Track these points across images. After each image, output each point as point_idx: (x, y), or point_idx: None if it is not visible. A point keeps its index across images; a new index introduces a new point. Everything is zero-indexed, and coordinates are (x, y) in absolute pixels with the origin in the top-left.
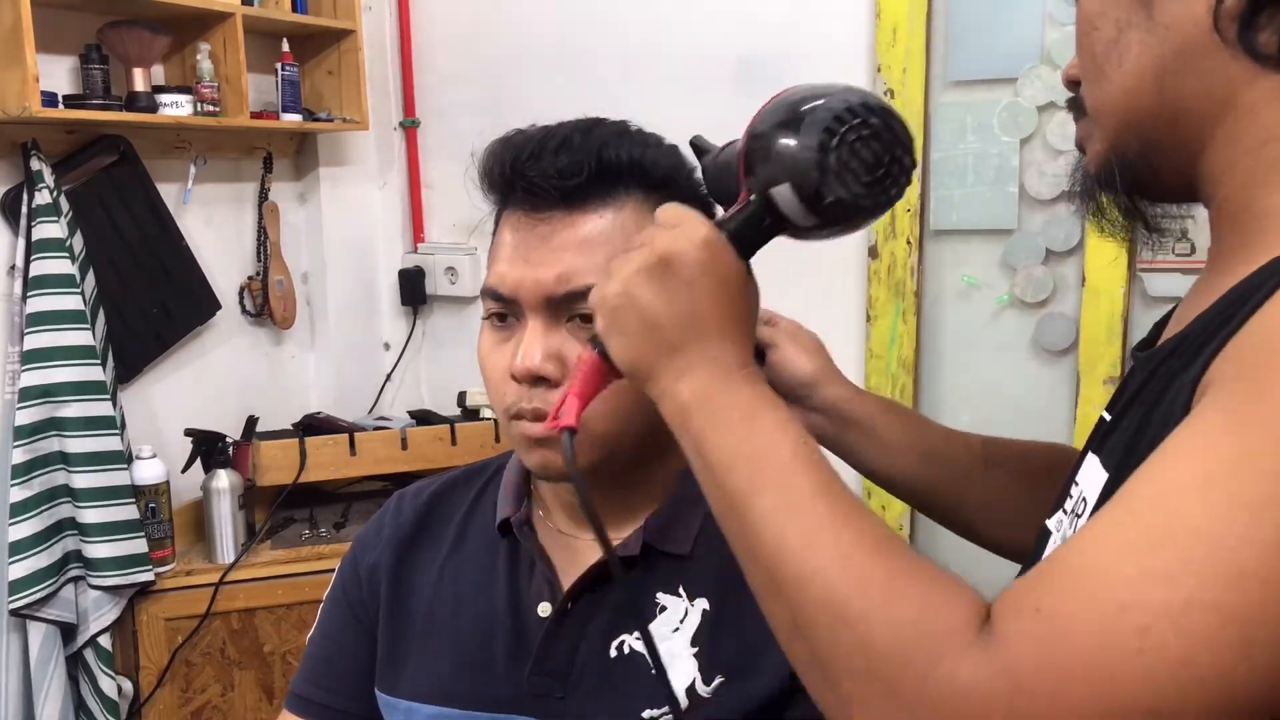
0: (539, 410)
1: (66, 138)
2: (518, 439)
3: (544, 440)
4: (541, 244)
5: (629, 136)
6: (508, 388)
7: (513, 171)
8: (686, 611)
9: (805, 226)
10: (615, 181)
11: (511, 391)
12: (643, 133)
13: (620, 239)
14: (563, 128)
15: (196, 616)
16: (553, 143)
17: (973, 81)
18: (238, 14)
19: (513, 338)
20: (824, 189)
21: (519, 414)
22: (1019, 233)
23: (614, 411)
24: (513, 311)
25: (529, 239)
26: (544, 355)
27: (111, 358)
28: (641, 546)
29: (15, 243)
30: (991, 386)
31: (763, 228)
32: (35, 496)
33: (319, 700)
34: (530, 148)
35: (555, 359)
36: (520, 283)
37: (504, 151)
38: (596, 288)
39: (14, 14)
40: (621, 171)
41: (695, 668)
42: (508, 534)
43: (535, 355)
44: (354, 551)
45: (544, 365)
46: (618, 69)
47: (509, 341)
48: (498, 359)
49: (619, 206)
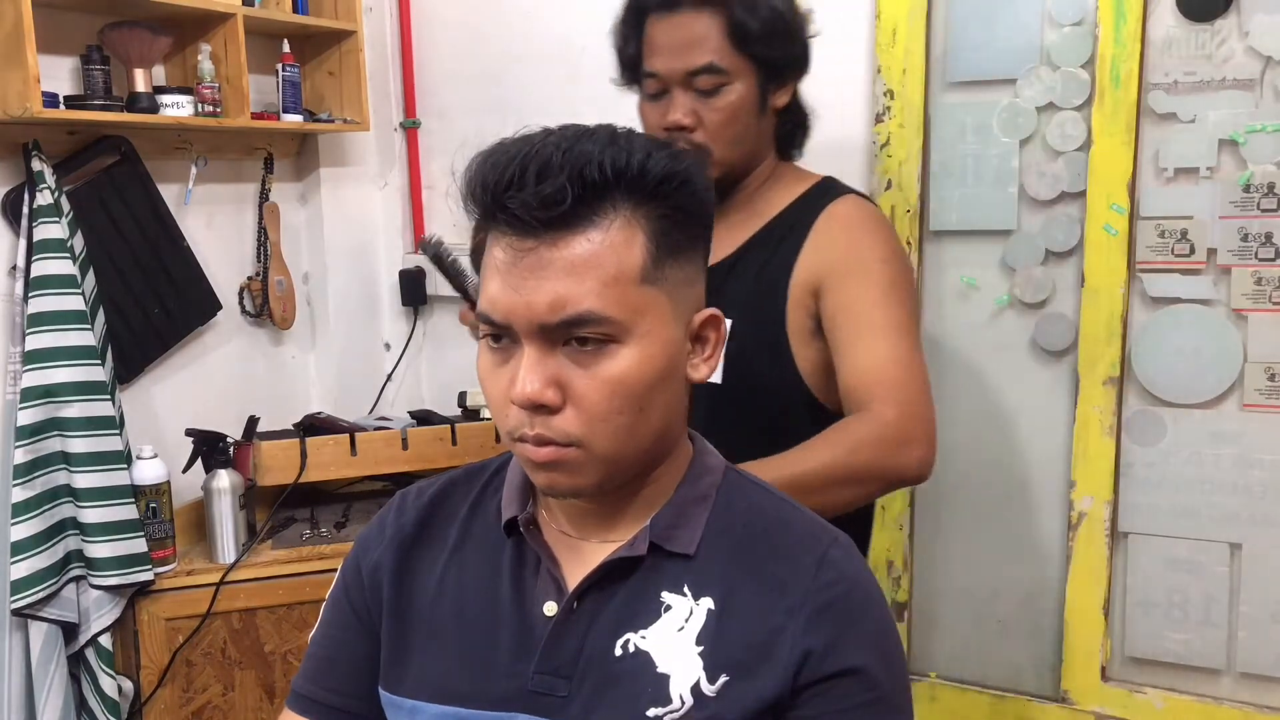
0: (541, 436)
1: (67, 138)
2: (524, 461)
3: (549, 464)
4: (530, 274)
5: (615, 147)
6: (509, 411)
7: (493, 201)
8: (692, 611)
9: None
10: (601, 199)
11: (513, 415)
12: (632, 138)
13: (610, 259)
14: (545, 145)
15: (197, 616)
16: (533, 166)
17: (972, 82)
18: (238, 14)
19: (510, 360)
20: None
21: (522, 438)
22: (1018, 233)
23: (617, 431)
24: (509, 335)
25: (517, 268)
26: (543, 383)
27: (112, 358)
28: (648, 546)
29: (16, 243)
30: (991, 387)
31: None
32: (37, 496)
33: (321, 699)
34: (511, 171)
35: (554, 385)
36: (512, 310)
37: (485, 173)
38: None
39: (15, 14)
40: (608, 187)
41: (700, 667)
42: (513, 533)
43: (534, 383)
44: (356, 551)
45: (544, 393)
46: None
47: (506, 365)
48: (495, 382)
49: (607, 224)
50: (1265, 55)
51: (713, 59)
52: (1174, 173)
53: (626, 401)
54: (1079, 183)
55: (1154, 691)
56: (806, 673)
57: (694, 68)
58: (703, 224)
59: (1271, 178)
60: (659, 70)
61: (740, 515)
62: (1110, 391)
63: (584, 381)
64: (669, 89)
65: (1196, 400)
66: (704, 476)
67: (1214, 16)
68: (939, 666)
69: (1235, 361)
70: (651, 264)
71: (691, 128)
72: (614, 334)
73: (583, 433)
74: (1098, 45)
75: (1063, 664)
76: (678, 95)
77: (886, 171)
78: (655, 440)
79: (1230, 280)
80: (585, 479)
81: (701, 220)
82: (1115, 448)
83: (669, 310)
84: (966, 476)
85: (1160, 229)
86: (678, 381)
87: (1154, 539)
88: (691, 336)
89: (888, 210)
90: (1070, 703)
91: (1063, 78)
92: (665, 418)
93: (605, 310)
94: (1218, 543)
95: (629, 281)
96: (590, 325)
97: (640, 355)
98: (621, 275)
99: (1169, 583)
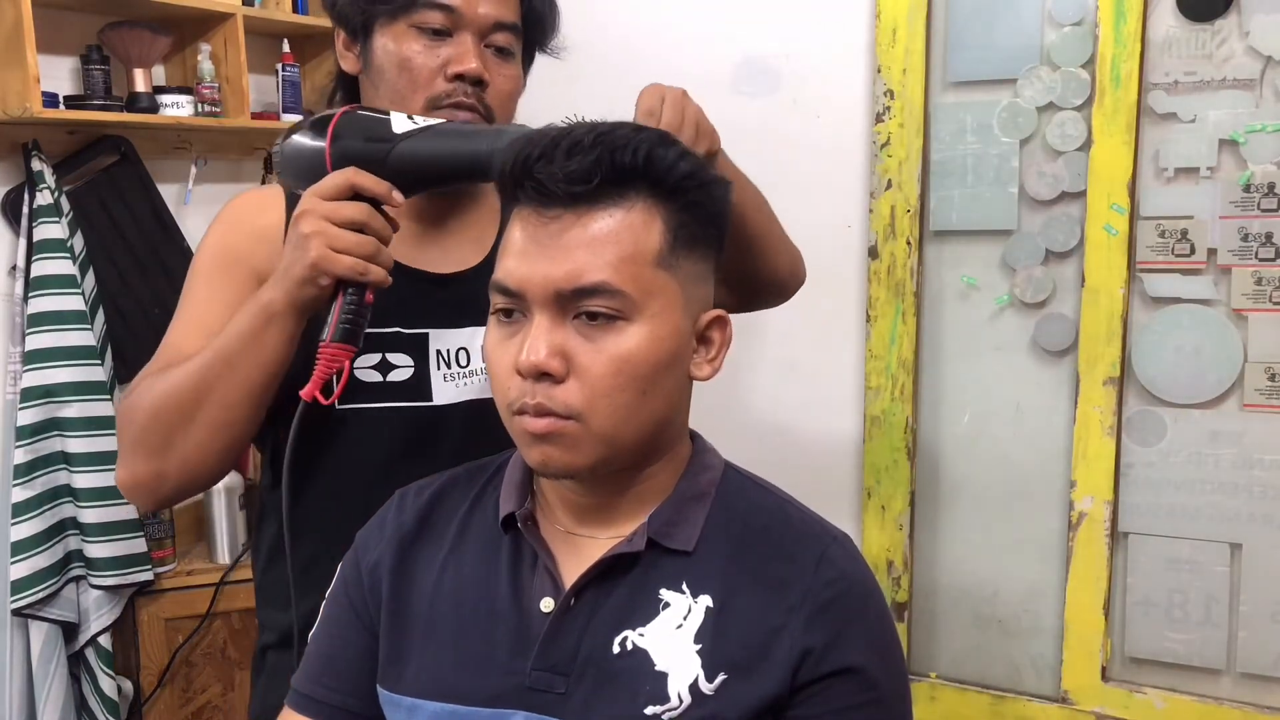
0: (542, 406)
1: (67, 138)
2: (519, 434)
3: (545, 436)
4: (551, 241)
5: (648, 138)
6: (511, 382)
7: (522, 171)
8: (690, 608)
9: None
10: (626, 182)
11: (515, 386)
12: (665, 136)
13: (629, 237)
14: (578, 128)
15: (197, 616)
16: (565, 143)
17: (972, 82)
18: (238, 15)
19: (519, 333)
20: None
21: (522, 409)
22: (1019, 233)
23: (617, 409)
24: (519, 307)
25: (538, 236)
26: (549, 351)
27: (111, 358)
28: (646, 543)
29: (16, 243)
30: (991, 387)
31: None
32: (37, 496)
33: (321, 698)
34: (544, 147)
35: (561, 355)
36: (529, 278)
37: (518, 148)
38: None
39: (15, 14)
40: (635, 173)
41: (699, 665)
42: (510, 530)
43: (541, 350)
44: (356, 549)
45: (549, 361)
46: (617, 69)
47: (515, 337)
48: (502, 354)
49: (629, 206)
50: (1265, 55)
51: (515, 20)
52: (1174, 173)
53: (630, 380)
54: (1079, 183)
55: (1154, 691)
56: (805, 672)
57: (504, 20)
58: (718, 229)
59: (1271, 178)
60: (458, 5)
61: (740, 513)
62: (1110, 391)
63: (590, 355)
64: (456, 31)
65: (1196, 400)
66: (703, 474)
67: (1214, 16)
68: (939, 666)
69: (1235, 361)
70: (668, 250)
71: (486, 83)
72: (625, 310)
73: (584, 406)
74: (1098, 45)
75: (1063, 664)
76: (469, 41)
77: (886, 171)
78: (653, 428)
79: (1230, 280)
80: (580, 457)
81: (717, 225)
82: (1115, 448)
83: (680, 299)
84: (967, 476)
85: (1160, 229)
86: (681, 374)
87: (1154, 539)
88: (697, 335)
89: (887, 210)
90: (1070, 703)
91: (1063, 78)
92: (666, 407)
93: (620, 284)
94: (1218, 543)
95: (645, 261)
96: (603, 297)
97: (649, 336)
98: (638, 254)
99: (1169, 583)
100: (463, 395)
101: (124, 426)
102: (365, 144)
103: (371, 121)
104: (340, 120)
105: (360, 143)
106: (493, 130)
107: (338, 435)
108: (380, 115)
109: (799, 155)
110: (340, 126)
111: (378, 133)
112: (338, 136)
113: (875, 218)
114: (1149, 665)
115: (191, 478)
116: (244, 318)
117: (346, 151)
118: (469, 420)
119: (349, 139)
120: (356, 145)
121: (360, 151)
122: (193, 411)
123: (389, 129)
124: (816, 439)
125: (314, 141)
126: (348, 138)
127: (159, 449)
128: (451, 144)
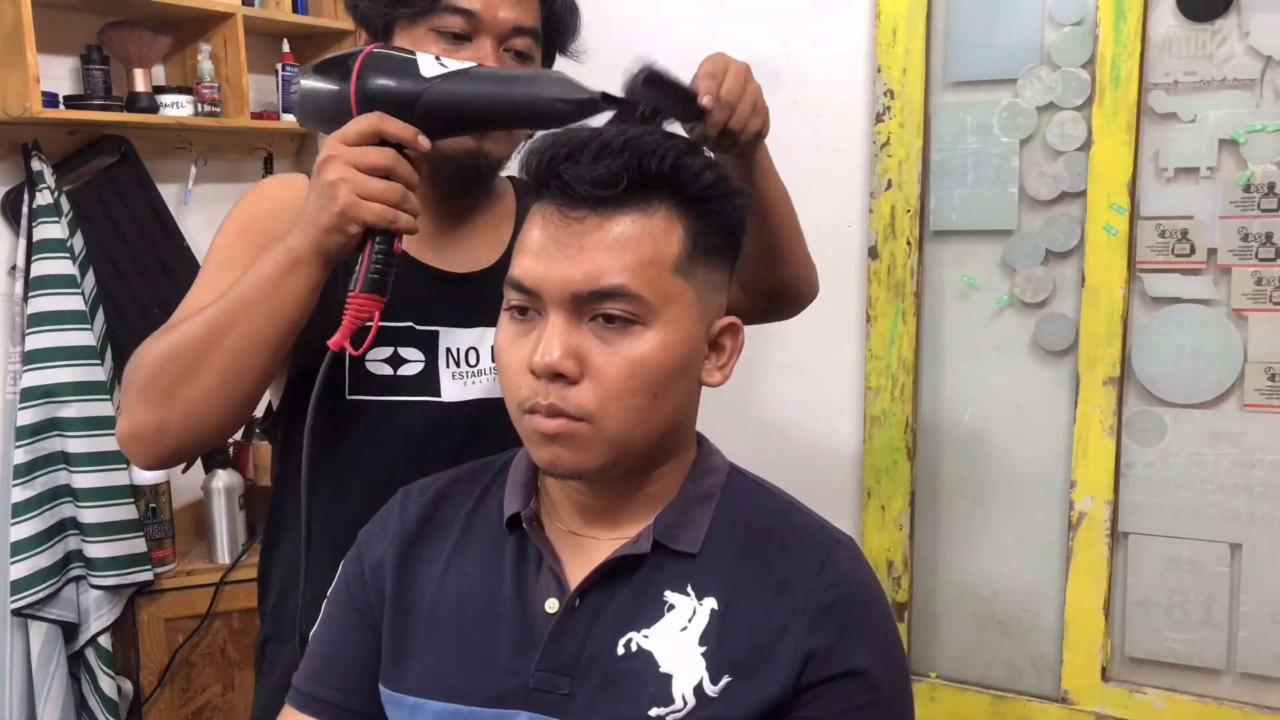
0: (554, 406)
1: (67, 138)
2: (529, 433)
3: (556, 436)
4: (571, 242)
5: (676, 146)
6: (523, 381)
7: (548, 169)
8: (695, 610)
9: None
10: (651, 188)
11: (527, 385)
12: (693, 144)
13: (649, 243)
14: (608, 130)
15: (197, 616)
16: (594, 144)
17: (972, 82)
18: (238, 14)
19: (532, 332)
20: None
21: (534, 408)
22: (1019, 233)
23: (629, 412)
24: (534, 306)
25: (559, 236)
26: (564, 352)
27: (111, 358)
28: (651, 545)
29: (16, 243)
30: (991, 387)
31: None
32: (37, 496)
33: (322, 696)
34: (572, 146)
35: (574, 356)
36: (546, 278)
37: (545, 146)
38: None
39: (15, 14)
40: (661, 179)
41: (703, 667)
42: (515, 530)
43: (555, 351)
44: (359, 548)
45: (564, 362)
46: (617, 68)
47: (528, 336)
48: (515, 352)
49: (651, 212)
50: (1265, 55)
51: (535, 24)
52: (1174, 173)
53: (643, 384)
54: (1079, 183)
55: (1154, 691)
56: (809, 674)
57: (523, 25)
58: (735, 239)
59: (1272, 178)
60: (478, 10)
61: (744, 515)
62: (1110, 391)
63: (605, 358)
64: (476, 36)
65: (1197, 400)
66: (708, 476)
67: (1214, 16)
68: (939, 666)
69: (1235, 361)
70: (686, 257)
71: None
72: (641, 315)
73: (596, 408)
74: (1098, 45)
75: (1063, 664)
76: (489, 46)
77: (886, 171)
78: (663, 432)
79: (1230, 280)
80: (590, 458)
81: (735, 235)
82: (1115, 448)
83: (695, 307)
84: (967, 476)
85: (1160, 229)
86: (693, 380)
87: (1154, 539)
88: (710, 342)
89: (887, 210)
90: (1070, 703)
91: (1063, 78)
92: (676, 411)
93: (638, 288)
94: (1218, 543)
95: (663, 267)
96: (620, 301)
97: (663, 341)
98: (657, 259)
99: (1169, 583)
100: (470, 394)
101: (129, 379)
102: (394, 85)
103: (399, 61)
104: (367, 59)
105: (389, 84)
106: (528, 75)
107: (348, 426)
108: (407, 55)
109: (799, 155)
110: (366, 67)
111: (406, 74)
112: (362, 77)
113: (875, 218)
114: (1149, 665)
115: (193, 433)
116: (265, 264)
117: (373, 93)
118: (475, 419)
119: (375, 79)
120: (385, 87)
121: (390, 93)
122: (201, 359)
123: (417, 69)
124: (817, 439)
125: (336, 85)
126: (374, 78)
127: (163, 398)
128: (488, 88)
